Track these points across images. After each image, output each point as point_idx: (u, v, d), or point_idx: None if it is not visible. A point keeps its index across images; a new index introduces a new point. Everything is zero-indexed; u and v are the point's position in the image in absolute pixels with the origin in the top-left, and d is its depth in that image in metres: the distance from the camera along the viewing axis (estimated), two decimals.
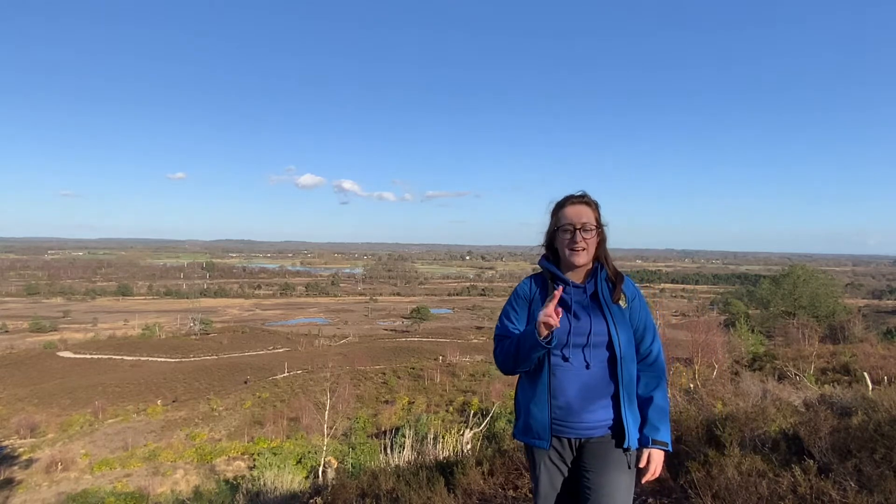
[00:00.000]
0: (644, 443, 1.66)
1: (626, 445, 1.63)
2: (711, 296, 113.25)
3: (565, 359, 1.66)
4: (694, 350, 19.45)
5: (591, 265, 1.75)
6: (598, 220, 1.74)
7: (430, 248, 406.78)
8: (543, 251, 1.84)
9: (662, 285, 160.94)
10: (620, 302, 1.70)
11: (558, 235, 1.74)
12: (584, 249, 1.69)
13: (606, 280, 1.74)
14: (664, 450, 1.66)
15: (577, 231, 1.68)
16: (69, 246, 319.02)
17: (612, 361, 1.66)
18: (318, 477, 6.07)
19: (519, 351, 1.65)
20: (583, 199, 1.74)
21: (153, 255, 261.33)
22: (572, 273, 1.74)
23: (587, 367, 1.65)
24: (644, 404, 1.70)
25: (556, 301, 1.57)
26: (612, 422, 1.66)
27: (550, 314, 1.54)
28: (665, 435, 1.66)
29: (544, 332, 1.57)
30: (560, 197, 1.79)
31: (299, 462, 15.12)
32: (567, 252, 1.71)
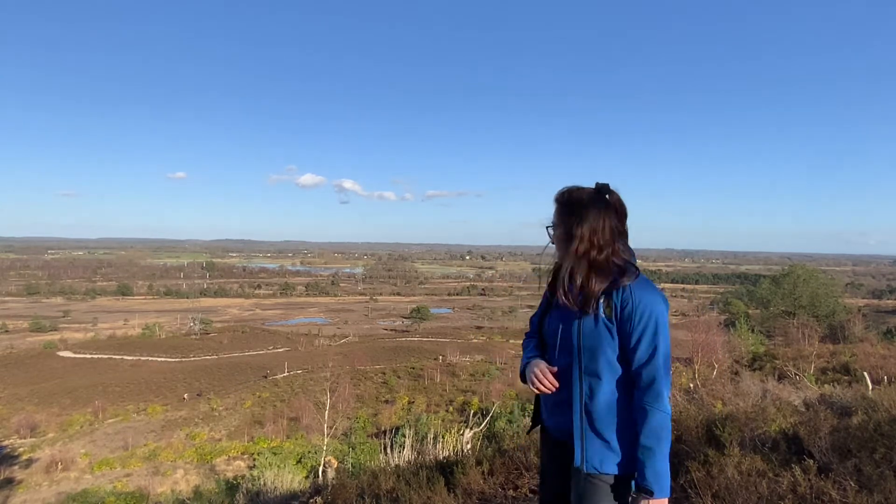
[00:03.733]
0: (633, 487, 1.47)
1: (576, 464, 1.49)
2: (711, 295, 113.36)
3: (548, 360, 1.63)
4: (694, 350, 19.48)
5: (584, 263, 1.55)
6: (561, 216, 1.56)
7: (431, 247, 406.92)
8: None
9: (662, 285, 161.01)
10: (604, 307, 1.47)
11: None
12: (555, 250, 1.61)
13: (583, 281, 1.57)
14: (649, 498, 1.40)
15: (547, 231, 1.62)
16: (69, 246, 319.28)
17: (572, 370, 1.51)
18: (318, 476, 6.08)
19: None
20: (555, 198, 1.61)
21: (153, 254, 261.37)
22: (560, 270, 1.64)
23: (555, 369, 1.58)
24: (635, 440, 1.46)
25: (544, 372, 1.56)
26: (568, 432, 1.53)
27: (540, 379, 1.55)
28: (650, 480, 1.40)
29: (538, 388, 1.58)
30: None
31: (299, 462, 15.13)
32: None
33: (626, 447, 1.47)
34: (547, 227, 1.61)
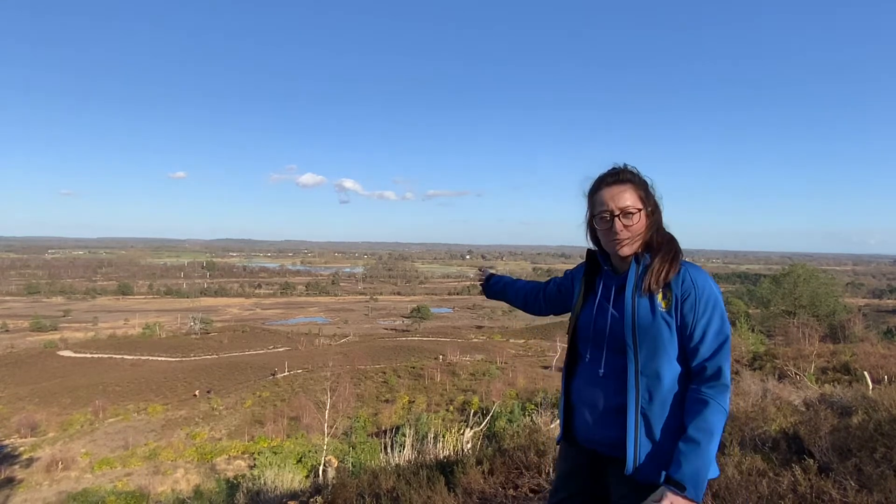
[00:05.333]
0: (662, 477, 1.29)
1: (627, 473, 1.32)
2: None
3: (583, 357, 1.46)
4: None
5: (642, 251, 1.40)
6: (643, 198, 1.38)
7: (431, 247, 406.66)
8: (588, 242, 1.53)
9: None
10: (660, 300, 1.32)
11: (597, 224, 1.42)
12: (627, 239, 1.36)
13: (652, 268, 1.35)
14: (680, 495, 1.22)
15: (616, 218, 1.36)
16: (69, 245, 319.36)
17: (627, 370, 1.34)
18: (318, 476, 6.07)
19: None
20: (619, 178, 1.39)
21: (153, 254, 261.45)
22: (620, 261, 1.43)
23: (600, 371, 1.40)
24: (682, 432, 1.30)
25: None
26: (618, 440, 1.35)
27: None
28: (687, 475, 1.22)
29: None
30: (597, 174, 1.45)
31: (300, 461, 15.14)
32: (607, 243, 1.41)
33: None
34: (641, 209, 1.38)
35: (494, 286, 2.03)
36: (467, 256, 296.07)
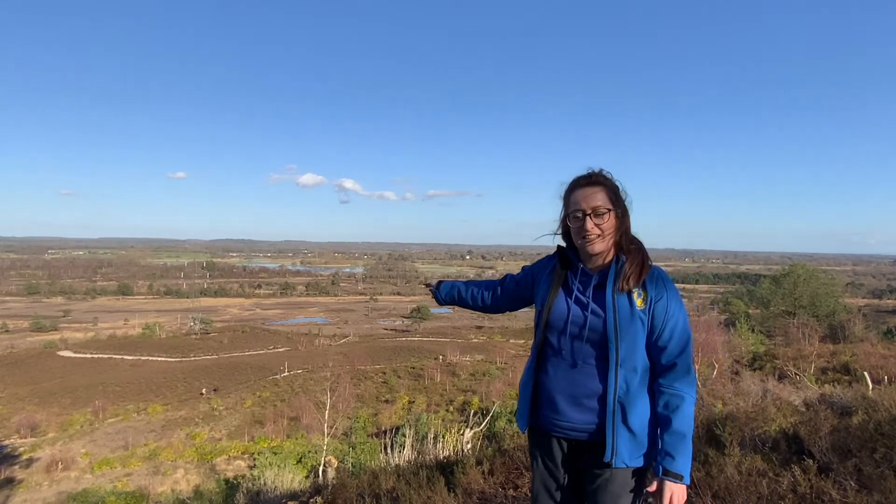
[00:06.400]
0: (656, 471, 1.45)
1: (606, 459, 1.44)
2: (712, 295, 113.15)
3: (558, 349, 1.53)
4: (694, 350, 19.40)
5: (613, 251, 1.53)
6: (613, 200, 1.50)
7: (431, 247, 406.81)
8: (560, 240, 1.64)
9: None
10: (636, 299, 1.45)
11: (570, 222, 1.53)
12: (598, 236, 1.48)
13: (623, 269, 1.49)
14: (678, 483, 1.41)
15: (588, 217, 1.47)
16: (69, 245, 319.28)
17: (606, 362, 1.46)
18: (318, 476, 6.07)
19: None
20: (591, 180, 1.51)
21: (153, 254, 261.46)
22: (591, 258, 1.54)
23: (574, 362, 1.50)
24: (661, 426, 1.45)
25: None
26: (595, 428, 1.48)
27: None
28: (681, 465, 1.41)
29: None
30: (571, 178, 1.58)
31: (299, 461, 15.15)
32: (579, 241, 1.52)
33: (651, 439, 1.48)
34: (611, 209, 1.49)
35: (444, 292, 2.02)
36: (467, 256, 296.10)
